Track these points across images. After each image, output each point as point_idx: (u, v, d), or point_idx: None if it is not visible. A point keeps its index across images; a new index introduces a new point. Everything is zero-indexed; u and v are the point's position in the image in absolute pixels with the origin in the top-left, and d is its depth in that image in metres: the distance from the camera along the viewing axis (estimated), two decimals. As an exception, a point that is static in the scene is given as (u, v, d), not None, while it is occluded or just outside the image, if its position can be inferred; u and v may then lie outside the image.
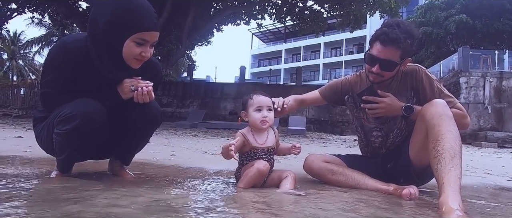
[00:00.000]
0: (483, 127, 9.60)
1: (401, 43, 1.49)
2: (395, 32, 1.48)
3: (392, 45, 1.50)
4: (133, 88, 1.39)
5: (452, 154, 1.25)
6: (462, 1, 17.22)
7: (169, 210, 0.98)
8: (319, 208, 1.12)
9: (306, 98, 1.93)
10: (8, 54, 29.35)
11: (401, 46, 1.50)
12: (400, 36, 1.48)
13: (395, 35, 1.48)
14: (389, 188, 1.51)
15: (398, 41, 1.49)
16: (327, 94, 1.90)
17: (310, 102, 1.96)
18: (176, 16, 10.64)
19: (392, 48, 1.50)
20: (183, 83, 14.95)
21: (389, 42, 1.49)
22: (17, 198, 1.06)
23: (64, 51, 1.36)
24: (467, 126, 1.62)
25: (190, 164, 2.39)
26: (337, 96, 1.87)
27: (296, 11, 12.72)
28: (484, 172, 2.89)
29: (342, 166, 1.71)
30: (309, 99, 1.93)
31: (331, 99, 1.91)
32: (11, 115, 10.96)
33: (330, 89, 1.90)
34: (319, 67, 36.72)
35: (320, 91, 1.93)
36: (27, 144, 2.92)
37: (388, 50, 1.51)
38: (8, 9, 12.32)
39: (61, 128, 1.28)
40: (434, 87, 1.61)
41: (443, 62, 13.24)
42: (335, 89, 1.87)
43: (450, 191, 1.13)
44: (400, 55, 1.53)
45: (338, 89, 1.86)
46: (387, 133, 1.71)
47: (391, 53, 1.52)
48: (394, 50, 1.51)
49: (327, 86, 1.93)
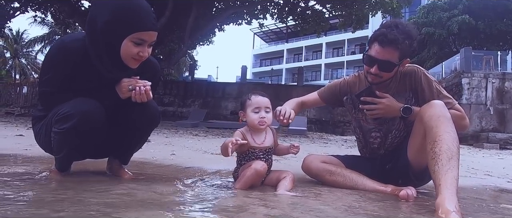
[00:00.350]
0: (485, 128, 9.56)
1: (399, 44, 1.49)
2: (393, 33, 1.48)
3: (391, 46, 1.49)
4: (131, 88, 1.40)
5: (449, 156, 1.25)
6: (465, 1, 17.15)
7: (162, 209, 0.99)
8: (311, 210, 1.11)
9: (306, 101, 1.93)
10: (11, 52, 29.50)
11: (400, 47, 1.50)
12: (398, 37, 1.48)
13: (393, 36, 1.48)
14: (387, 189, 1.51)
15: (396, 42, 1.48)
16: (326, 96, 1.91)
17: (310, 105, 1.97)
18: (178, 15, 10.66)
19: (390, 49, 1.50)
20: (185, 83, 14.97)
21: (387, 43, 1.49)
22: (14, 197, 1.06)
23: (62, 51, 1.37)
24: (466, 127, 1.62)
25: (189, 163, 2.39)
26: (336, 97, 1.87)
27: (298, 11, 12.71)
28: (485, 174, 2.87)
29: (340, 167, 1.71)
30: (309, 102, 1.94)
31: (330, 101, 1.91)
32: (14, 113, 11.02)
33: (329, 90, 1.90)
34: (321, 67, 36.68)
35: (319, 93, 1.93)
36: (28, 143, 2.93)
37: (387, 51, 1.51)
38: (11, 7, 12.39)
39: (59, 126, 1.29)
40: (433, 88, 1.61)
41: (445, 63, 13.20)
42: (333, 91, 1.87)
43: (447, 193, 1.13)
44: (399, 56, 1.53)
45: (337, 91, 1.86)
46: (386, 133, 1.71)
47: (390, 54, 1.51)
48: (392, 51, 1.51)
49: (326, 88, 1.93)
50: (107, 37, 1.30)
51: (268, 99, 1.51)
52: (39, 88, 1.42)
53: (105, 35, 1.29)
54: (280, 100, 7.65)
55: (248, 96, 1.51)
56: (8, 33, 26.83)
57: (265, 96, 1.51)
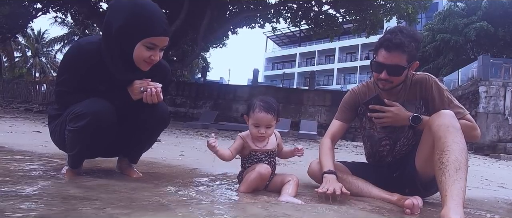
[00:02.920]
0: (502, 138, 9.25)
1: (406, 47, 1.49)
2: (398, 37, 1.48)
3: (397, 50, 1.49)
4: (142, 89, 1.45)
5: (457, 167, 1.23)
6: (484, 8, 16.69)
7: (164, 209, 1.01)
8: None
9: (335, 135, 1.79)
10: (32, 51, 30.58)
11: (406, 50, 1.50)
12: (404, 40, 1.48)
13: (399, 40, 1.48)
14: (392, 198, 1.49)
15: (402, 46, 1.48)
16: (348, 117, 1.81)
17: (339, 137, 1.82)
18: (192, 18, 10.83)
19: (397, 53, 1.50)
20: (197, 84, 15.13)
21: (393, 48, 1.49)
22: (25, 193, 1.11)
23: (78, 53, 1.43)
24: (476, 138, 1.59)
25: (197, 165, 2.42)
26: (355, 112, 1.80)
27: (311, 15, 12.68)
28: (498, 186, 2.79)
29: (346, 173, 1.70)
30: (338, 135, 1.80)
31: (352, 118, 1.83)
32: (32, 110, 11.39)
33: (347, 110, 1.80)
34: (334, 72, 36.36)
35: (340, 119, 1.81)
36: (44, 139, 3.04)
37: (394, 56, 1.51)
38: (34, 8, 12.91)
39: (73, 125, 1.35)
40: (444, 97, 1.59)
41: (462, 70, 12.86)
42: (351, 107, 1.79)
43: (452, 204, 1.12)
44: (407, 59, 1.52)
45: (353, 106, 1.79)
46: (395, 141, 1.69)
47: (397, 58, 1.51)
48: (399, 54, 1.50)
49: (342, 111, 1.81)
50: (121, 41, 1.36)
51: (270, 117, 1.43)
52: (55, 88, 1.49)
53: (119, 39, 1.35)
54: (291, 103, 7.76)
55: (253, 105, 1.46)
56: (30, 32, 27.86)
57: (269, 112, 1.43)
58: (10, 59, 27.14)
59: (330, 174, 1.54)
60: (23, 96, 15.14)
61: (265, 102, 1.46)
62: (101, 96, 1.41)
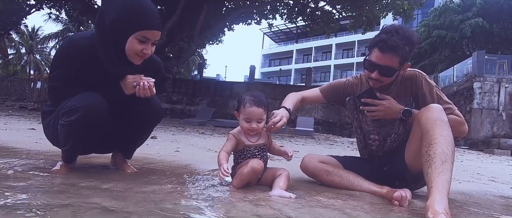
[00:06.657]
0: (496, 134, 9.36)
1: (399, 50, 1.50)
2: (393, 39, 1.49)
3: (391, 52, 1.50)
4: (135, 84, 1.47)
5: (443, 159, 1.26)
6: (479, 4, 16.77)
7: (155, 204, 1.03)
8: (306, 210, 1.14)
9: (307, 97, 1.92)
10: (26, 48, 30.27)
11: (400, 53, 1.50)
12: (398, 43, 1.49)
13: (393, 42, 1.48)
14: (382, 191, 1.52)
15: (396, 48, 1.49)
16: (328, 93, 1.90)
17: (310, 101, 1.95)
18: (188, 14, 10.77)
19: (390, 55, 1.51)
20: (194, 81, 15.11)
21: (387, 50, 1.50)
22: (19, 188, 1.13)
23: (71, 48, 1.44)
24: (464, 133, 1.62)
25: (191, 160, 2.44)
26: (338, 96, 1.87)
27: (308, 11, 12.66)
28: (489, 179, 2.84)
29: (338, 167, 1.73)
30: (309, 98, 1.92)
31: (332, 99, 1.91)
32: (27, 108, 11.32)
33: (332, 89, 1.90)
34: (330, 68, 36.43)
35: (321, 90, 1.93)
36: (38, 136, 3.04)
37: (387, 57, 1.52)
38: (27, 4, 12.77)
39: (65, 119, 1.36)
40: (433, 93, 1.62)
41: (457, 66, 12.95)
42: (337, 89, 1.87)
43: (437, 195, 1.15)
44: (399, 61, 1.53)
45: (341, 90, 1.86)
46: (385, 137, 1.72)
47: (390, 60, 1.52)
48: (392, 56, 1.52)
49: (328, 86, 1.93)
50: (113, 33, 1.37)
51: (261, 111, 1.45)
52: (48, 83, 1.50)
53: (112, 32, 1.37)
54: (286, 100, 7.27)
55: (244, 101, 1.47)
56: (24, 29, 27.57)
57: (260, 106, 1.45)
58: (4, 56, 26.83)
59: (282, 108, 1.66)
60: (18, 94, 15.03)
61: (254, 97, 1.48)
62: (94, 91, 1.42)
